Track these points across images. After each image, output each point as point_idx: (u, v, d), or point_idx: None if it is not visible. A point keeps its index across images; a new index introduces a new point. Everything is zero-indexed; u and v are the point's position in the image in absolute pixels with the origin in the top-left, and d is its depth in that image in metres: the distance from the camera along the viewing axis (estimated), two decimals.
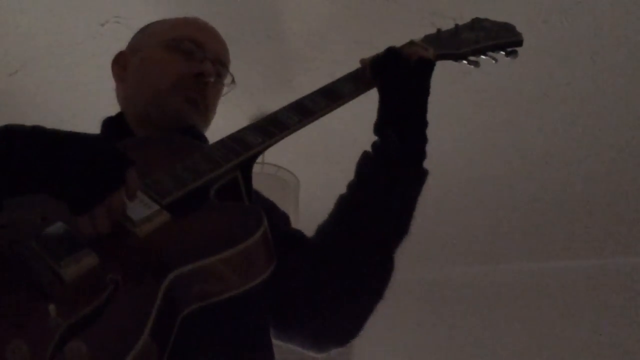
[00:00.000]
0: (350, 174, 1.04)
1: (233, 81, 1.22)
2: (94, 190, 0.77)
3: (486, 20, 1.20)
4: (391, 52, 1.07)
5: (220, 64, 1.17)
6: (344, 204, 1.03)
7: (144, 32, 1.22)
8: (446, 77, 1.07)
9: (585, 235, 3.22)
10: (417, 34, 1.16)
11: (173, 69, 1.11)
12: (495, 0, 1.97)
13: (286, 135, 0.98)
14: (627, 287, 3.26)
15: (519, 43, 1.16)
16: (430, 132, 1.05)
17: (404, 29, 2.11)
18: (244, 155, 0.94)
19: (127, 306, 0.72)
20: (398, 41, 1.13)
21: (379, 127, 1.04)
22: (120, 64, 1.20)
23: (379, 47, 1.08)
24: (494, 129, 2.60)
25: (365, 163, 1.04)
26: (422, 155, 1.03)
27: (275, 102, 2.43)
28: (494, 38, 1.16)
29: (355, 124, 1.75)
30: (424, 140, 1.04)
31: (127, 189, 0.79)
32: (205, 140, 1.14)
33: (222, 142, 0.96)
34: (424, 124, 1.04)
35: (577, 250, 3.35)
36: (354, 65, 1.10)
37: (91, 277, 0.75)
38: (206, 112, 1.14)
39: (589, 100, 2.40)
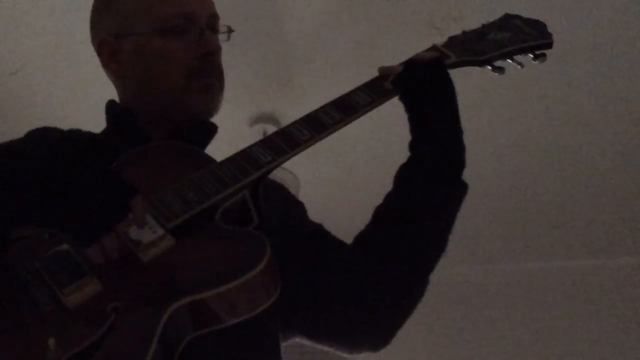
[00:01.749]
0: (350, 174, 1.03)
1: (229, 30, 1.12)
2: (98, 223, 0.78)
3: (517, 17, 1.11)
4: (408, 65, 1.01)
5: (215, 17, 1.07)
6: (380, 217, 0.99)
7: (117, 10, 1.06)
8: None
9: (585, 235, 3.22)
10: (417, 34, 1.15)
11: (180, 59, 1.01)
12: (495, 1, 1.96)
13: (297, 153, 0.94)
14: (627, 287, 3.26)
15: (549, 45, 1.08)
16: None
17: (404, 29, 2.11)
18: (253, 176, 0.91)
19: (128, 336, 0.72)
20: (397, 41, 1.11)
21: (413, 145, 1.00)
22: (109, 55, 1.06)
23: (379, 47, 1.07)
24: (493, 129, 2.59)
25: (403, 176, 1.00)
26: (459, 168, 1.00)
27: (275, 102, 2.45)
28: (521, 41, 1.07)
29: (357, 124, 1.74)
30: (459, 150, 0.99)
31: (135, 219, 0.79)
32: (213, 128, 1.08)
33: (231, 160, 0.93)
34: (458, 132, 1.00)
35: (577, 250, 3.35)
36: (354, 65, 1.09)
37: (93, 305, 0.75)
38: (222, 85, 1.06)
39: (589, 100, 2.40)
